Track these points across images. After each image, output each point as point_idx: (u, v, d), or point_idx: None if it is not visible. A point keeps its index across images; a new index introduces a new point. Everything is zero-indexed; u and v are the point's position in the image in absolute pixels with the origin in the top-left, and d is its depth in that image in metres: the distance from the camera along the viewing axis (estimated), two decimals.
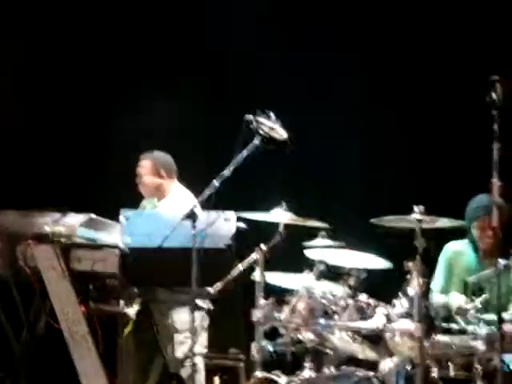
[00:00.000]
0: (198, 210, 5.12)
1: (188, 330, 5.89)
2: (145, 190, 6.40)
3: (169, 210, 6.11)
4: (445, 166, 6.98)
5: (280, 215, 5.38)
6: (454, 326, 5.16)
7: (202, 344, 5.89)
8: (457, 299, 5.53)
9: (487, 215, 5.59)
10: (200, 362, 5.86)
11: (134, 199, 6.45)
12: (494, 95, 4.90)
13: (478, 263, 5.79)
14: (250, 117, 5.26)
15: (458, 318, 5.37)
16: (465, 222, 5.65)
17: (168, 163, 6.39)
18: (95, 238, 5.59)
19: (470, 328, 5.05)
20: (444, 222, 5.18)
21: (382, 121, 7.14)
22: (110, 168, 7.38)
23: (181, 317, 5.91)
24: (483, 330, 4.99)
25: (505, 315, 4.83)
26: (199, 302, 5.70)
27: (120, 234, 5.38)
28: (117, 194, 6.71)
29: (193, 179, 6.36)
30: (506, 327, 4.84)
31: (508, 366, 5.00)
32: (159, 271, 5.31)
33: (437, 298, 5.69)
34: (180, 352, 5.93)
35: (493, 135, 4.78)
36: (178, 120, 7.42)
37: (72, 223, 5.52)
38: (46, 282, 5.41)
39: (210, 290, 5.30)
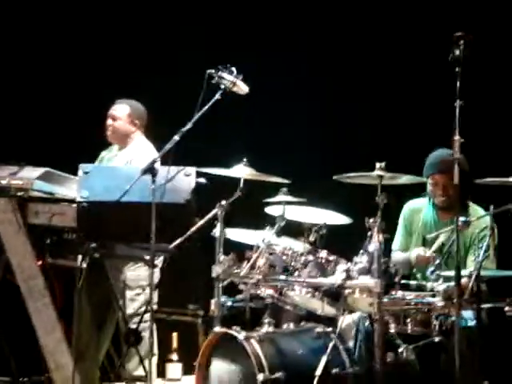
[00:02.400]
0: (158, 165, 5.08)
1: (139, 287, 5.91)
2: (112, 135, 6.34)
3: (127, 160, 6.11)
4: (407, 123, 6.96)
5: (241, 171, 5.35)
6: (412, 282, 5.20)
7: (156, 300, 5.84)
8: (416, 251, 5.56)
9: (440, 171, 5.62)
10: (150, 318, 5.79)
11: (93, 151, 6.42)
12: (457, 51, 4.88)
13: (435, 219, 5.79)
14: (212, 71, 5.22)
15: (417, 274, 5.40)
16: (423, 177, 5.64)
17: (143, 114, 6.38)
18: (53, 191, 5.51)
19: (429, 284, 5.07)
20: (405, 179, 5.17)
21: (344, 76, 7.11)
22: (70, 119, 7.29)
23: (132, 273, 5.89)
24: (441, 285, 5.01)
25: (462, 272, 4.82)
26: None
27: (78, 187, 5.30)
28: (76, 147, 6.67)
29: (155, 133, 6.34)
30: (464, 283, 4.85)
31: (465, 321, 5.04)
32: (118, 226, 5.23)
33: (396, 255, 5.72)
34: (131, 308, 5.92)
35: (455, 92, 4.78)
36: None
37: (29, 176, 5.44)
38: (1, 236, 5.34)
39: (169, 245, 5.25)
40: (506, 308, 4.98)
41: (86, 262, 5.25)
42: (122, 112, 6.34)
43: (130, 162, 6.12)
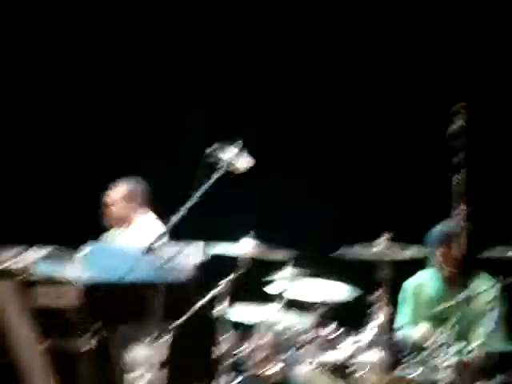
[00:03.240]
0: (163, 243, 5.06)
1: (145, 366, 5.85)
2: (113, 218, 6.27)
3: (131, 242, 6.06)
4: (406, 198, 6.95)
5: (245, 247, 5.34)
6: (419, 358, 5.12)
7: (160, 380, 5.77)
8: (423, 330, 5.46)
9: (448, 243, 5.55)
10: None
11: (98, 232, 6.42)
12: (458, 123, 4.91)
13: (442, 292, 5.65)
14: (211, 150, 5.22)
15: (424, 351, 5.32)
16: (427, 250, 5.56)
17: (143, 191, 6.28)
18: (56, 272, 5.49)
19: (436, 360, 4.99)
20: (410, 252, 5.14)
21: (345, 154, 7.12)
22: (77, 200, 7.32)
23: (138, 352, 5.84)
24: (449, 360, 4.93)
25: (471, 345, 4.76)
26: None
27: (81, 267, 5.29)
28: (83, 227, 6.67)
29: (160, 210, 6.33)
30: (474, 357, 4.79)
31: None
32: (121, 306, 5.21)
33: (403, 333, 5.59)
34: None
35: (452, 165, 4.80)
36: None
37: (32, 258, 5.43)
38: (4, 318, 5.31)
39: (174, 324, 5.22)
40: None
41: (90, 343, 5.21)
42: (115, 196, 6.25)
43: (133, 241, 6.03)
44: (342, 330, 5.20)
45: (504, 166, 6.63)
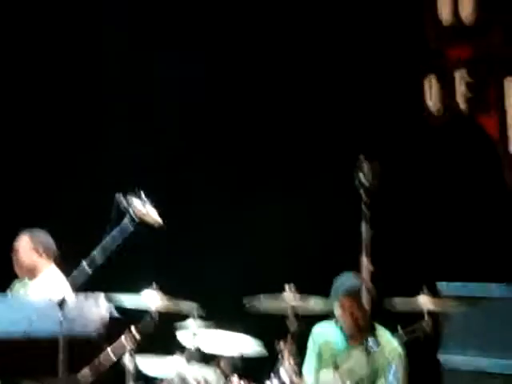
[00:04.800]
0: (68, 296, 4.99)
1: None
2: (18, 268, 6.24)
3: (38, 293, 5.96)
4: (315, 246, 7.03)
5: (151, 299, 5.30)
6: None
7: None
8: (326, 377, 5.51)
9: (347, 296, 5.59)
10: None
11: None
12: (360, 175, 4.99)
13: (344, 344, 5.63)
14: (120, 197, 5.19)
15: None
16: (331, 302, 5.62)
17: (46, 241, 6.27)
18: None
19: None
20: (315, 303, 5.20)
21: (252, 201, 7.19)
22: None
23: None
24: None
25: None
26: None
27: None
28: None
29: (65, 259, 6.24)
30: None
31: None
32: (24, 360, 5.09)
33: (308, 381, 5.63)
34: None
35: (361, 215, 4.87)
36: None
37: None
38: None
39: (79, 377, 5.13)
40: None
41: None
42: (22, 242, 6.24)
43: (40, 293, 5.96)
44: (247, 381, 5.21)
45: (406, 215, 6.82)
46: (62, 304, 4.91)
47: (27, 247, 6.21)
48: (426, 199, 6.72)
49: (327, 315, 5.79)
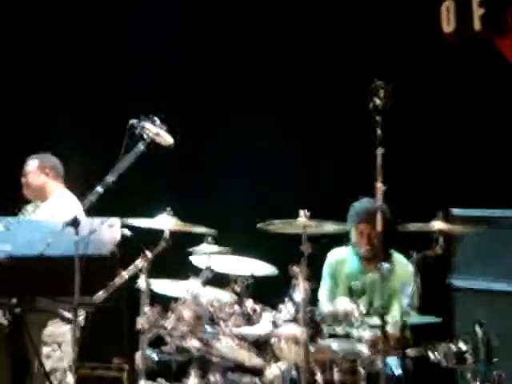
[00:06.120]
0: (81, 217, 5.01)
1: (55, 343, 5.76)
2: (29, 191, 6.27)
3: (50, 214, 6.00)
4: (330, 171, 7.02)
5: (164, 221, 5.31)
6: (339, 330, 5.20)
7: (69, 357, 5.67)
8: (343, 304, 5.55)
9: (365, 221, 5.66)
10: (68, 376, 5.56)
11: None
12: (377, 100, 4.95)
13: (360, 268, 5.82)
14: (134, 122, 5.17)
15: (344, 323, 5.41)
16: (346, 227, 5.66)
17: (55, 164, 6.31)
18: None
19: (355, 332, 5.08)
20: (329, 227, 5.20)
21: (265, 128, 7.16)
22: None
23: (49, 328, 5.77)
24: (367, 333, 5.03)
25: (387, 318, 4.85)
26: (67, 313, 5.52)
27: None
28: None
29: (77, 184, 6.26)
30: (389, 330, 4.88)
31: (391, 369, 5.07)
32: (40, 280, 5.14)
33: (324, 306, 5.69)
34: (46, 366, 5.75)
35: (376, 140, 4.84)
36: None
37: None
38: None
39: (94, 298, 5.17)
40: (430, 354, 5.02)
41: (7, 318, 5.12)
42: (31, 166, 6.27)
43: (53, 215, 5.99)
44: (261, 305, 5.24)
45: (420, 145, 6.80)
46: (75, 224, 4.93)
47: (36, 170, 6.24)
48: (441, 124, 6.70)
49: (341, 240, 5.86)
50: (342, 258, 5.89)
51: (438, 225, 5.09)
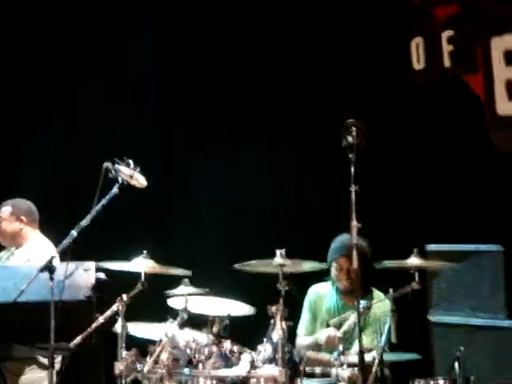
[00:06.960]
0: (56, 261, 4.97)
1: None
2: (3, 238, 6.23)
3: (26, 258, 5.96)
4: (306, 210, 7.04)
5: (141, 264, 5.29)
6: (317, 369, 5.19)
7: None
8: (326, 332, 5.59)
9: (343, 256, 5.69)
10: None
11: None
12: (349, 138, 4.98)
13: (340, 304, 5.84)
14: (108, 165, 5.17)
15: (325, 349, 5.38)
16: (326, 264, 5.68)
17: (29, 209, 6.26)
18: None
19: (333, 371, 5.07)
20: (306, 266, 5.21)
21: (240, 169, 7.19)
22: None
23: (26, 376, 5.70)
24: (345, 372, 5.01)
25: (365, 356, 4.84)
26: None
27: None
28: None
29: (52, 229, 6.23)
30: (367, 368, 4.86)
31: None
32: (15, 327, 5.09)
33: (302, 339, 5.70)
34: None
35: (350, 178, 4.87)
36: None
37: None
38: None
39: (70, 344, 5.12)
40: None
41: None
42: (4, 213, 6.21)
43: (28, 260, 5.96)
44: (239, 345, 5.21)
45: (394, 183, 6.83)
46: (51, 270, 4.90)
47: (10, 217, 6.19)
48: (413, 160, 6.75)
49: (320, 277, 5.87)
50: (322, 294, 5.90)
51: (414, 261, 5.12)
